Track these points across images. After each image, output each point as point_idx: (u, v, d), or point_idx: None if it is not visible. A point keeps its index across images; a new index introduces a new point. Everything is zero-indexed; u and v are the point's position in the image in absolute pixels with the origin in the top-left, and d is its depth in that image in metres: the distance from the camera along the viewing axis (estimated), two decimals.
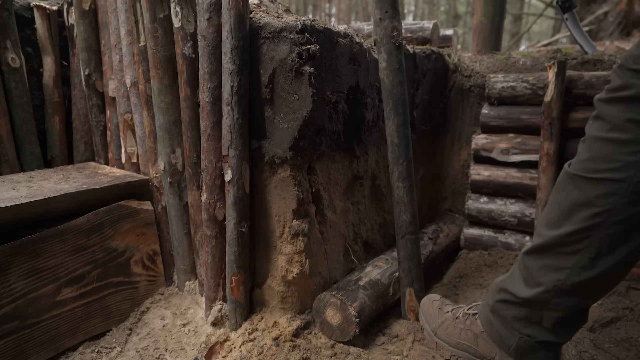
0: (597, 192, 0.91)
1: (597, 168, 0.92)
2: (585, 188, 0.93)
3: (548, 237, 0.99)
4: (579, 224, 0.93)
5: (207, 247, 1.34)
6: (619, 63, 0.91)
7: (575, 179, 0.96)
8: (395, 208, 1.41)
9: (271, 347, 1.24)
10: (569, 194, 0.97)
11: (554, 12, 8.04)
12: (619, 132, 0.89)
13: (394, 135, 1.36)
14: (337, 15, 18.26)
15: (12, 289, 1.18)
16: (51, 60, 1.81)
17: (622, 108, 0.89)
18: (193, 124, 1.35)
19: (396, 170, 1.38)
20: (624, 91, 0.89)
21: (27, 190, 1.33)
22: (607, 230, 0.91)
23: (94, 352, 1.31)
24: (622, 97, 0.89)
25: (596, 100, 0.95)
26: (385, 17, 1.32)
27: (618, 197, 0.88)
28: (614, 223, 0.90)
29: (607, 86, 0.93)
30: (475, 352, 1.17)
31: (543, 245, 1.00)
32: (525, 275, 1.05)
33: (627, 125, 0.88)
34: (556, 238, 0.97)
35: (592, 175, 0.92)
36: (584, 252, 0.94)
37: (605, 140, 0.91)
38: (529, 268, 1.03)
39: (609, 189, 0.89)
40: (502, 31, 2.56)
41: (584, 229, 0.93)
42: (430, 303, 1.35)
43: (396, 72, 1.34)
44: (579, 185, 0.94)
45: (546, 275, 0.99)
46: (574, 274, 0.96)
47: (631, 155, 0.87)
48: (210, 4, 1.20)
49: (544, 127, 1.75)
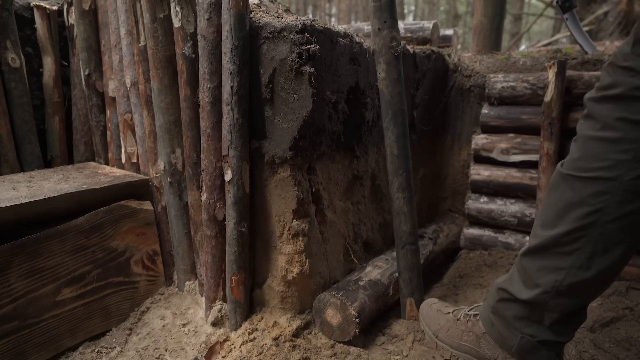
0: (590, 191, 0.91)
1: (588, 167, 0.92)
2: (577, 187, 0.93)
3: (544, 238, 0.99)
4: (573, 224, 0.93)
5: (207, 247, 1.34)
6: (609, 61, 0.91)
7: (567, 179, 0.96)
8: (395, 219, 1.40)
9: (271, 347, 1.24)
10: (562, 193, 0.97)
11: (554, 12, 8.04)
12: (610, 131, 0.89)
13: (393, 146, 1.36)
14: (337, 15, 18.27)
15: (12, 289, 1.18)
16: (51, 60, 1.81)
17: (612, 107, 0.89)
18: (193, 124, 1.35)
19: (396, 181, 1.37)
20: (613, 89, 0.89)
21: (27, 190, 1.33)
22: (601, 229, 0.91)
23: (94, 352, 1.31)
24: (611, 95, 0.89)
25: (586, 99, 0.95)
26: (384, 27, 1.30)
27: (610, 196, 0.88)
28: (608, 222, 0.90)
29: (597, 84, 0.93)
30: (477, 353, 1.17)
31: (539, 245, 1.00)
32: (523, 276, 1.05)
33: (618, 124, 0.88)
34: (552, 238, 0.97)
35: (584, 175, 0.92)
36: (580, 252, 0.94)
37: (596, 139, 0.91)
38: (527, 269, 1.03)
39: (601, 187, 0.89)
40: (502, 31, 2.56)
41: (578, 228, 0.93)
42: (428, 307, 1.35)
43: (395, 83, 1.33)
44: (571, 185, 0.95)
45: (544, 277, 0.99)
46: (571, 274, 0.96)
47: (622, 154, 0.87)
48: (210, 4, 1.20)
49: (544, 127, 1.75)
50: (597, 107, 0.92)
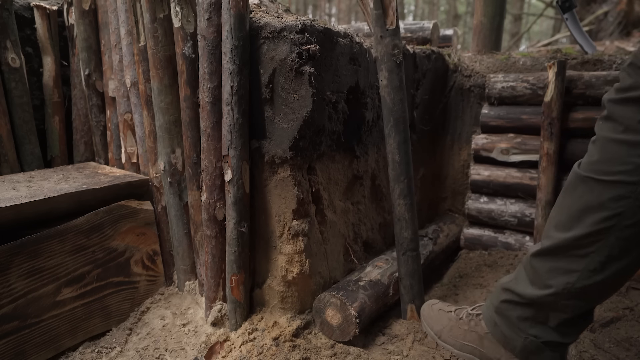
0: (610, 195, 0.89)
1: (609, 170, 0.89)
2: (597, 190, 0.91)
3: (558, 240, 0.97)
4: (591, 227, 0.91)
5: (207, 247, 1.34)
6: (630, 61, 0.88)
7: (586, 181, 0.93)
8: (396, 225, 1.40)
9: (271, 347, 1.24)
10: (580, 196, 0.94)
11: (554, 12, 8.04)
12: (632, 134, 0.86)
13: (395, 153, 1.35)
14: (337, 15, 18.27)
15: (12, 289, 1.18)
16: (51, 60, 1.81)
17: (634, 109, 0.86)
18: (193, 124, 1.35)
19: (397, 188, 1.37)
20: (635, 91, 0.86)
21: (27, 190, 1.33)
22: (619, 233, 0.89)
23: (94, 352, 1.31)
24: (633, 97, 0.86)
25: (606, 100, 0.92)
26: (387, 35, 1.30)
27: (631, 200, 0.86)
28: (627, 226, 0.88)
29: (616, 85, 0.90)
30: (480, 354, 1.16)
31: (552, 247, 0.99)
32: (532, 276, 1.04)
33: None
34: (566, 240, 0.95)
35: (604, 178, 0.90)
36: (595, 255, 0.92)
37: (617, 142, 0.88)
38: (537, 269, 1.02)
39: (622, 191, 0.87)
40: (502, 31, 2.57)
41: (596, 232, 0.91)
42: (429, 307, 1.34)
43: (397, 90, 1.32)
44: (590, 187, 0.92)
45: (555, 278, 0.98)
46: (584, 277, 0.94)
47: None
48: (210, 4, 1.20)
49: (544, 127, 1.75)
50: (618, 108, 0.89)
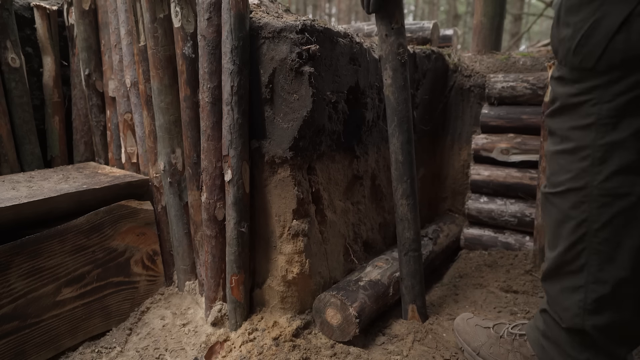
0: (568, 204, 0.92)
1: (558, 181, 0.93)
2: (557, 203, 0.95)
3: (551, 260, 0.99)
4: (568, 239, 0.93)
5: (207, 247, 1.34)
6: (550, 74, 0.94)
7: (548, 197, 0.97)
8: (398, 225, 1.40)
9: (271, 347, 1.24)
10: (549, 213, 0.98)
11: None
12: (567, 142, 0.91)
13: (398, 153, 1.35)
14: (337, 15, 18.27)
15: (12, 289, 1.18)
16: (51, 60, 1.81)
17: (561, 119, 0.91)
18: (193, 124, 1.35)
19: (400, 188, 1.36)
20: (556, 102, 0.92)
21: (27, 190, 1.33)
22: (595, 238, 0.90)
23: (94, 352, 1.31)
24: (557, 108, 0.92)
25: (544, 116, 0.97)
26: (391, 34, 1.29)
27: (588, 204, 0.89)
28: (598, 230, 0.89)
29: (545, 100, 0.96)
30: None
31: (551, 268, 1.00)
32: (551, 302, 1.02)
33: (570, 134, 0.90)
34: (557, 258, 0.97)
35: (557, 189, 0.94)
36: (589, 266, 0.92)
37: (559, 153, 0.93)
38: (550, 294, 1.02)
39: (576, 198, 0.90)
40: (502, 31, 2.56)
41: (573, 242, 0.92)
42: (465, 322, 1.29)
43: (402, 90, 1.32)
44: (552, 203, 0.96)
45: (568, 299, 0.96)
46: (591, 290, 0.93)
47: (582, 161, 0.88)
48: (210, 4, 1.20)
49: (544, 127, 1.75)
50: (552, 122, 0.95)
